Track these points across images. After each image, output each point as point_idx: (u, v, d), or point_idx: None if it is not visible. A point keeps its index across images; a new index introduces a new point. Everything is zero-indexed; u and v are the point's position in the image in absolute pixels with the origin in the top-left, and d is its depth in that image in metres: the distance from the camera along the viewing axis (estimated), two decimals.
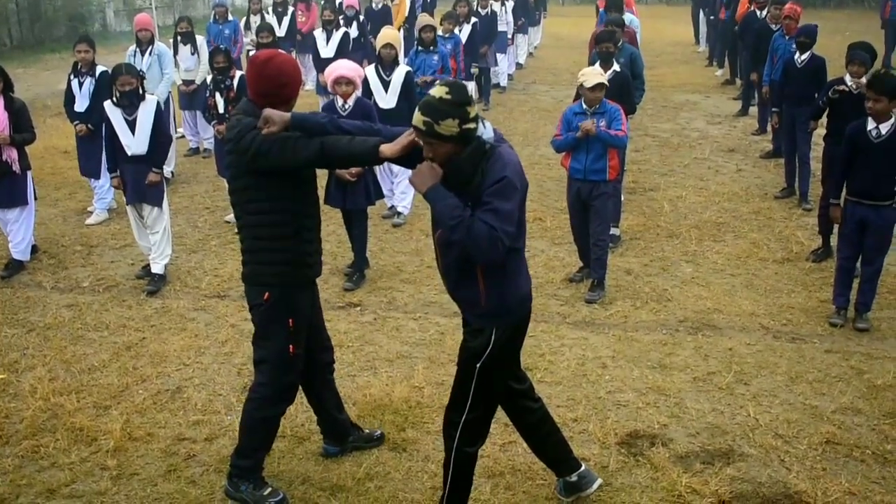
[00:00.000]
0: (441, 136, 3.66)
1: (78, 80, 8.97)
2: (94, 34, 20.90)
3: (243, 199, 4.27)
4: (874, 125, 6.37)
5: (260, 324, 4.43)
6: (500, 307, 3.95)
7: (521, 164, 3.85)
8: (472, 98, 3.75)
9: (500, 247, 3.64)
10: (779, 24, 10.89)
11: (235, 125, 4.17)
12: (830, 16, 26.16)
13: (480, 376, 3.99)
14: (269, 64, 4.20)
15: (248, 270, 4.40)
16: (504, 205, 3.65)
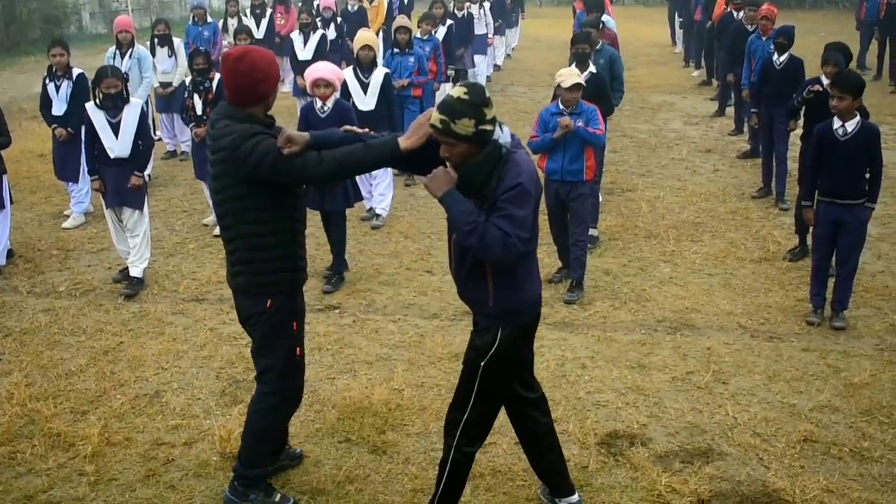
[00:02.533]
0: (457, 136, 3.68)
1: (54, 84, 8.89)
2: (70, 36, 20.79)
3: (238, 208, 4.13)
4: (840, 124, 6.43)
5: (264, 334, 4.33)
6: (508, 308, 3.98)
7: (536, 170, 3.87)
8: (490, 100, 3.76)
9: (513, 252, 3.70)
10: (755, 25, 10.96)
11: (229, 132, 4.02)
12: (806, 17, 26.36)
13: (484, 375, 4.01)
14: (244, 60, 4.08)
15: (245, 280, 4.26)
16: (518, 211, 3.69)
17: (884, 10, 16.25)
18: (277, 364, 4.36)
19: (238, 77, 4.08)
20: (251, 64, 4.08)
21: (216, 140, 4.09)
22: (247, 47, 4.28)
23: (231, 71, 4.10)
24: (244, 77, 4.08)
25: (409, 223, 9.03)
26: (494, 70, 18.07)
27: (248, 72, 4.08)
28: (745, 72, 10.79)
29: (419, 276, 7.67)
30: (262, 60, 4.12)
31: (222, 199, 4.19)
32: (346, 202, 7.46)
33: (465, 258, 3.95)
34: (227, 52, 4.32)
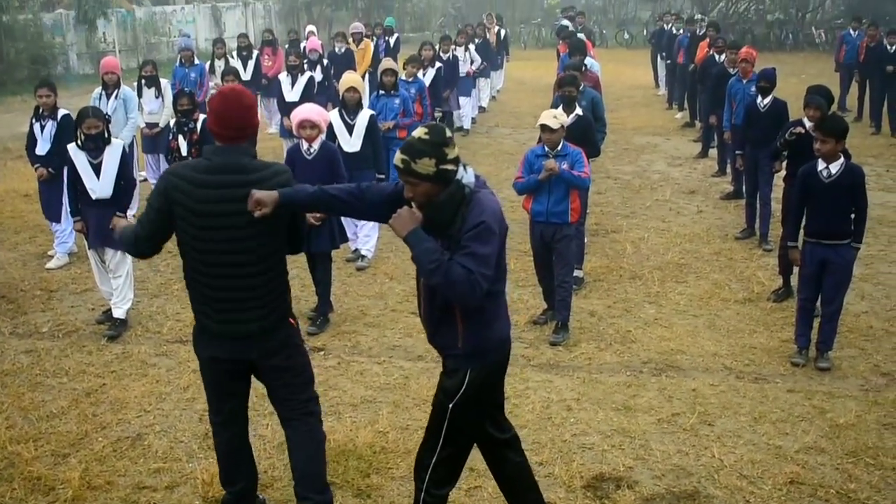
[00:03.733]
0: (418, 175, 3.74)
1: (40, 124, 8.91)
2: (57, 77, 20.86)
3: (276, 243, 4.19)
4: (824, 166, 6.50)
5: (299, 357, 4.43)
6: (477, 349, 3.99)
7: (502, 208, 3.89)
8: (452, 140, 3.80)
9: (477, 290, 3.70)
10: (736, 68, 11.11)
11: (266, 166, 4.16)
12: (786, 59, 26.71)
13: (453, 417, 4.00)
14: (246, 95, 4.21)
15: (278, 316, 4.29)
16: (481, 248, 3.71)
17: (863, 53, 16.49)
18: (309, 369, 4.50)
19: (245, 111, 4.17)
20: (251, 99, 4.26)
21: (257, 182, 4.05)
22: (239, 86, 4.36)
23: (237, 105, 4.14)
24: (249, 111, 4.20)
25: (395, 264, 9.03)
26: (479, 112, 18.20)
27: (252, 106, 4.23)
28: (727, 114, 10.91)
29: (404, 318, 7.65)
30: (249, 97, 4.28)
31: (271, 239, 4.15)
32: (331, 243, 7.45)
33: (435, 300, 3.96)
34: (223, 88, 4.34)
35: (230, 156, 4.12)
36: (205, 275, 4.20)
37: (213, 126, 4.15)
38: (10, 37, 23.86)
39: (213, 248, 4.12)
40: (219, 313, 4.24)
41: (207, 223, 4.08)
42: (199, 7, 33.81)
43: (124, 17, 29.41)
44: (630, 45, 34.33)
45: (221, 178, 4.08)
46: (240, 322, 4.22)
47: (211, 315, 4.26)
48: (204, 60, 14.70)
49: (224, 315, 4.23)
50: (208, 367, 4.43)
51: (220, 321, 4.25)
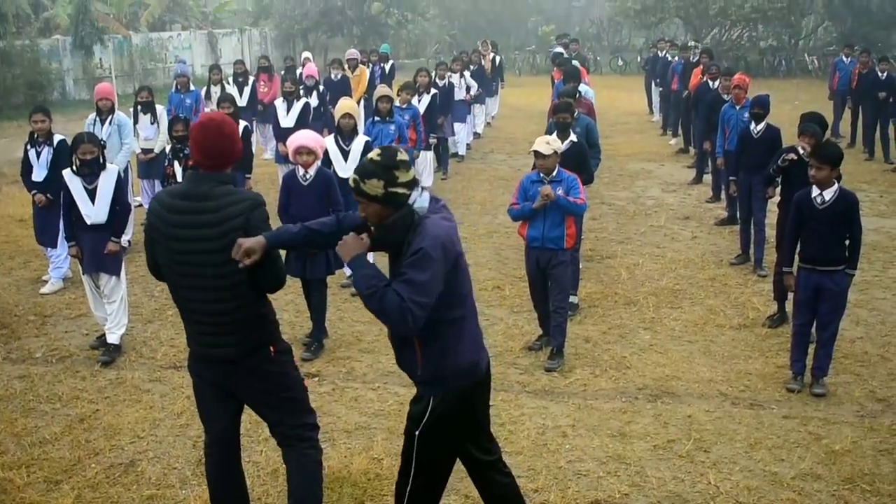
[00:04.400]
0: (366, 195, 3.82)
1: (35, 150, 8.92)
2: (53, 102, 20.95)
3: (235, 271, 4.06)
4: (818, 192, 6.52)
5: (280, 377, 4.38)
6: (437, 376, 4.00)
7: (453, 232, 3.90)
8: (405, 163, 3.84)
9: (408, 318, 3.72)
10: (730, 94, 11.17)
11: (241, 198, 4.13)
12: (780, 85, 26.88)
13: (420, 444, 4.02)
14: (227, 123, 4.23)
15: (254, 340, 4.26)
16: (418, 276, 3.72)
17: (856, 80, 16.61)
18: (303, 394, 4.48)
19: (225, 140, 4.17)
20: (232, 127, 4.25)
21: (221, 208, 4.07)
22: (218, 113, 4.41)
23: (217, 134, 4.16)
24: (229, 140, 4.19)
25: None
26: (475, 138, 18.26)
27: (232, 134, 4.22)
28: (720, 140, 10.96)
29: None
30: (235, 125, 4.37)
31: (233, 269, 4.06)
32: (327, 269, 7.45)
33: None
34: (207, 116, 4.36)
35: (199, 183, 4.16)
36: (181, 298, 4.30)
37: (194, 154, 4.20)
38: (7, 62, 23.93)
39: (184, 271, 4.18)
40: (197, 335, 4.32)
41: (176, 247, 4.15)
42: (195, 33, 34.00)
43: (121, 43, 29.56)
44: (624, 72, 34.59)
45: (186, 204, 4.13)
46: (216, 346, 4.27)
47: (193, 336, 4.35)
48: (200, 87, 14.77)
49: (201, 337, 4.30)
50: (196, 385, 4.48)
51: (198, 343, 4.33)
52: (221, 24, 38.13)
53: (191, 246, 4.11)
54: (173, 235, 4.13)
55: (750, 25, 33.63)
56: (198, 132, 4.20)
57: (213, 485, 4.53)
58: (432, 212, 3.89)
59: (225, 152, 4.19)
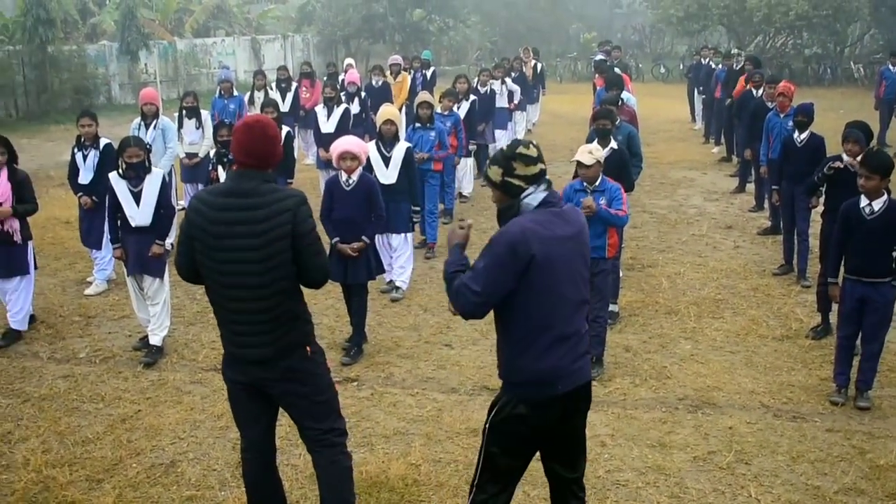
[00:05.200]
0: (490, 180, 4.08)
1: (82, 153, 9.06)
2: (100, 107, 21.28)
3: (289, 269, 4.22)
4: (867, 202, 6.42)
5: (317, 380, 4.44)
6: (507, 378, 4.09)
7: (535, 235, 3.89)
8: (528, 157, 4.00)
9: (461, 300, 3.94)
10: (774, 102, 11.05)
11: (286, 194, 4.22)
12: (825, 94, 26.53)
13: (487, 439, 4.12)
14: (270, 126, 4.30)
15: (292, 338, 4.34)
16: (479, 263, 3.92)
17: None
18: (335, 402, 4.52)
19: (268, 141, 4.26)
20: (276, 129, 4.34)
21: (268, 205, 4.15)
22: (260, 115, 4.50)
23: (262, 135, 4.24)
24: (273, 141, 4.28)
25: (429, 296, 9.03)
26: None
27: (275, 136, 4.30)
28: (763, 148, 10.84)
29: (438, 350, 7.64)
30: (276, 128, 4.39)
31: (275, 263, 4.18)
32: (368, 274, 7.49)
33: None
34: (246, 118, 4.45)
35: (243, 180, 4.23)
36: (220, 296, 4.32)
37: (236, 153, 4.27)
38: (55, 67, 24.36)
39: (224, 269, 4.22)
40: (234, 335, 4.34)
41: (217, 244, 4.19)
42: (239, 39, 34.35)
43: (166, 48, 29.94)
44: (666, 79, 34.33)
45: (230, 201, 4.19)
46: (251, 346, 4.30)
47: (228, 337, 4.37)
48: (243, 92, 14.91)
49: (237, 338, 4.33)
50: (231, 390, 4.50)
51: (235, 344, 4.35)
52: (265, 31, 38.50)
53: (235, 242, 4.15)
54: (216, 233, 4.17)
55: (794, 33, 33.25)
56: (242, 133, 4.26)
57: (251, 490, 4.58)
58: (538, 209, 3.98)
59: (267, 154, 4.25)
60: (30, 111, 24.05)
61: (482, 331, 7.91)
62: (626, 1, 46.57)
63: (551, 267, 3.91)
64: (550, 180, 4.09)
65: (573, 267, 4.01)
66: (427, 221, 10.46)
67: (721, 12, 32.40)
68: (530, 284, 3.89)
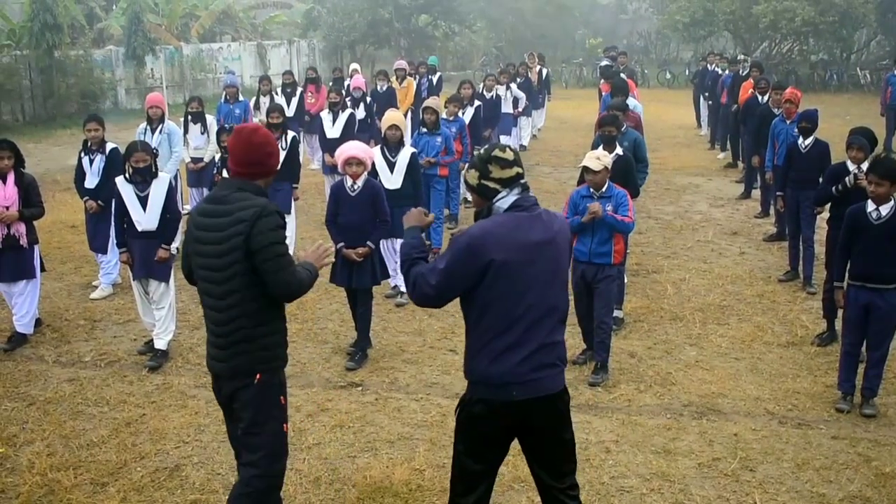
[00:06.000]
0: (467, 184, 4.13)
1: (89, 158, 9.08)
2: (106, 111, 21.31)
3: (247, 283, 4.11)
4: (874, 207, 6.41)
5: (256, 410, 4.22)
6: (466, 374, 4.13)
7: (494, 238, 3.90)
8: (502, 161, 4.02)
9: (416, 291, 4.02)
10: (781, 108, 11.03)
11: (250, 204, 4.10)
12: (831, 100, 26.50)
13: (455, 433, 4.19)
14: (258, 133, 4.27)
15: (245, 360, 4.19)
16: (439, 260, 3.98)
17: None
18: (266, 443, 4.24)
19: (254, 149, 4.23)
20: (265, 137, 4.29)
21: (230, 214, 4.11)
22: (256, 124, 4.44)
23: (247, 143, 4.23)
24: (260, 149, 4.25)
25: None
26: (520, 150, 18.24)
27: (264, 144, 4.26)
28: (769, 154, 10.84)
29: (442, 355, 7.64)
30: (271, 136, 4.36)
31: (230, 275, 4.14)
32: (373, 279, 7.49)
33: None
34: (240, 126, 4.45)
35: (222, 187, 4.26)
36: (202, 303, 4.36)
37: (229, 161, 4.30)
38: (62, 72, 24.42)
39: (199, 275, 4.28)
40: (208, 344, 4.36)
41: (195, 250, 4.26)
42: (244, 45, 34.43)
43: (172, 53, 30.01)
44: (672, 85, 34.34)
45: (210, 207, 4.24)
46: (211, 357, 4.31)
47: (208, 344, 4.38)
48: (249, 97, 14.93)
49: (208, 347, 4.34)
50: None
51: (208, 353, 4.37)
52: (270, 36, 38.58)
53: (205, 248, 4.20)
54: (194, 237, 4.26)
55: (801, 39, 33.20)
56: (232, 140, 4.29)
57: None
58: (507, 211, 4.00)
59: (255, 161, 4.23)
60: (36, 116, 24.11)
61: None
62: (632, 7, 46.57)
63: (512, 272, 3.89)
64: (527, 184, 4.09)
65: (542, 273, 3.96)
66: (432, 227, 10.45)
67: (727, 18, 32.38)
68: (489, 288, 3.90)
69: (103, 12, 33.71)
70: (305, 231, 11.60)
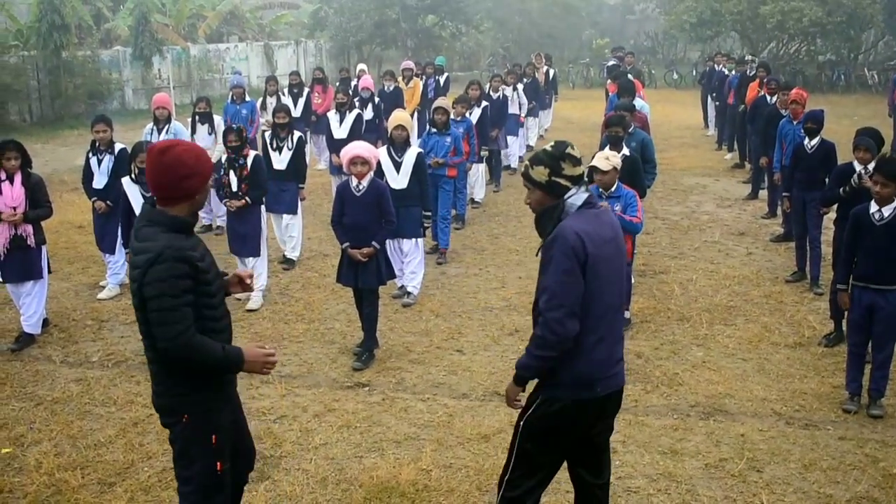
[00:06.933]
0: (532, 181, 4.05)
1: (97, 158, 9.11)
2: (113, 112, 21.35)
3: (144, 325, 3.82)
4: (877, 208, 6.40)
5: (181, 446, 3.99)
6: (551, 376, 4.08)
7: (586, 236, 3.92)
8: (573, 159, 4.02)
9: (549, 330, 3.89)
10: (787, 109, 11.01)
11: (147, 248, 3.71)
12: (838, 101, 26.44)
13: (522, 435, 4.14)
14: (167, 153, 3.77)
15: (166, 402, 3.95)
16: (545, 280, 3.92)
17: None
18: (197, 477, 3.99)
19: (161, 171, 3.77)
20: (176, 157, 3.77)
21: (137, 254, 3.77)
22: (172, 141, 3.92)
23: (154, 164, 3.78)
24: (167, 171, 3.76)
25: (440, 302, 9.03)
26: (527, 151, 18.21)
27: (172, 166, 3.76)
28: (777, 155, 10.82)
29: (449, 356, 7.64)
30: (188, 154, 3.81)
31: (140, 319, 3.83)
32: (378, 279, 7.49)
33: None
34: (152, 144, 4.03)
35: (140, 217, 3.92)
36: None
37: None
38: (70, 72, 24.49)
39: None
40: None
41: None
42: (251, 45, 34.47)
43: (179, 54, 30.07)
44: (679, 86, 34.29)
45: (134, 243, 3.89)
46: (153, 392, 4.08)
47: None
48: (256, 97, 14.95)
49: None
50: None
51: None
52: (277, 36, 38.62)
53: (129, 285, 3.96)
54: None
55: (808, 39, 33.12)
56: (146, 160, 3.91)
57: None
58: (582, 212, 3.99)
59: (166, 185, 3.79)
60: (44, 116, 24.19)
61: (493, 336, 7.91)
62: (639, 7, 46.51)
63: (598, 269, 3.94)
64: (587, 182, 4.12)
65: (615, 269, 4.06)
66: (439, 227, 10.46)
67: (734, 18, 32.31)
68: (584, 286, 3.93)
69: (110, 13, 33.77)
70: (312, 231, 11.62)
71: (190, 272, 3.74)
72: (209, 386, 3.96)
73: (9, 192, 7.65)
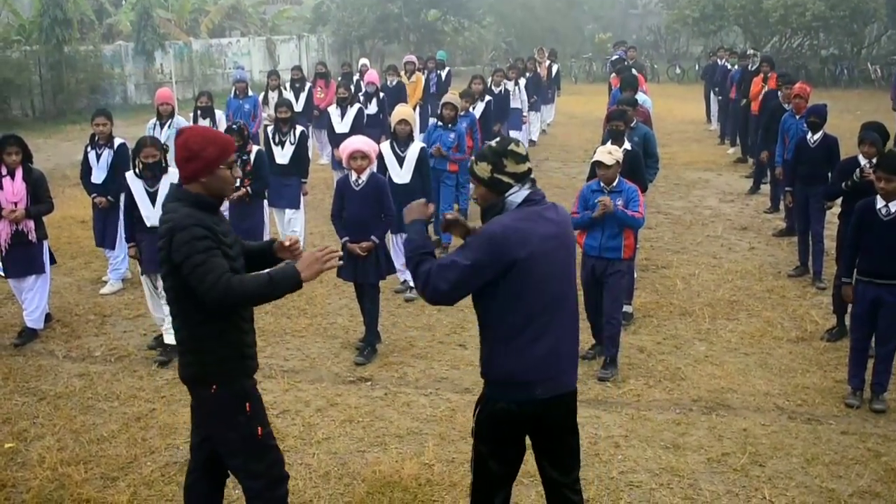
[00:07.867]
0: (475, 176, 4.03)
1: (95, 153, 9.09)
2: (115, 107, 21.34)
3: (182, 294, 4.02)
4: (883, 203, 6.39)
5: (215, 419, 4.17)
6: (487, 378, 4.08)
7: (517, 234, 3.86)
8: (516, 156, 3.97)
9: (428, 288, 3.90)
10: (790, 103, 10.99)
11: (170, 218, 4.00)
12: (841, 95, 26.39)
13: (475, 438, 4.13)
14: (178, 137, 4.14)
15: (193, 371, 4.15)
16: (454, 256, 3.89)
17: None
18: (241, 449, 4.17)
19: (176, 153, 4.16)
20: (183, 141, 4.09)
21: (161, 223, 4.08)
22: (191, 126, 4.26)
23: (175, 146, 4.16)
24: (177, 153, 4.12)
25: None
26: (530, 145, 18.20)
27: (179, 148, 4.10)
28: (779, 149, 10.80)
29: (452, 350, 7.65)
30: (194, 139, 4.07)
31: (168, 286, 4.11)
32: (377, 274, 7.49)
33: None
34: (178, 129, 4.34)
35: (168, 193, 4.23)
36: None
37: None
38: (72, 67, 24.49)
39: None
40: None
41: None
42: (254, 40, 34.44)
43: (181, 49, 30.05)
44: (681, 80, 34.22)
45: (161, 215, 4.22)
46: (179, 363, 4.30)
47: None
48: (258, 92, 14.95)
49: None
50: None
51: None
52: (280, 31, 38.58)
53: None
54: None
55: (811, 34, 33.03)
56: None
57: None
58: (522, 207, 3.96)
59: (177, 165, 4.16)
60: (46, 111, 24.20)
61: None
62: (642, 1, 46.44)
63: (534, 267, 3.87)
64: (535, 179, 4.07)
65: (558, 266, 3.97)
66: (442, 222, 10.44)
67: (737, 13, 32.26)
68: (513, 284, 3.87)
69: (113, 7, 33.76)
70: (314, 226, 11.62)
71: (209, 235, 3.96)
72: (233, 357, 4.13)
73: (10, 187, 7.66)
